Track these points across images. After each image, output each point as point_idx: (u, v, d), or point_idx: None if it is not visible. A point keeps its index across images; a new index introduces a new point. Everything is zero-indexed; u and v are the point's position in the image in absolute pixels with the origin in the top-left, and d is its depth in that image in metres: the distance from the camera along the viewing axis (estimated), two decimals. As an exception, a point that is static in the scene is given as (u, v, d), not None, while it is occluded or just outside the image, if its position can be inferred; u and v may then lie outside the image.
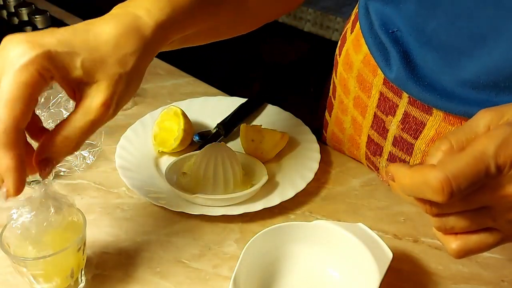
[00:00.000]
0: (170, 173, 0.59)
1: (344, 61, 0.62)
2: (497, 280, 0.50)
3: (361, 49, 0.58)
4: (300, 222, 0.48)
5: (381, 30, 0.53)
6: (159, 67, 0.92)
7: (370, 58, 0.56)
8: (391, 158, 0.58)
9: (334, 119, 0.69)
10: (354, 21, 0.62)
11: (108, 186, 0.61)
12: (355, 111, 0.62)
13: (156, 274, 0.49)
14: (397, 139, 0.56)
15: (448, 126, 0.50)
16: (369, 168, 0.66)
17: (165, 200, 0.56)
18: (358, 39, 0.59)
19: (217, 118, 0.72)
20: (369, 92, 0.58)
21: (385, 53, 0.54)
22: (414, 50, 0.51)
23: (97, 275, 0.49)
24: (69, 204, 0.44)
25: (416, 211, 0.59)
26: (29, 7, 1.04)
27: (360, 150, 0.64)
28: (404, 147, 0.55)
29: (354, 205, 0.60)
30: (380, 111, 0.57)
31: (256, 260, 0.45)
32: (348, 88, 0.62)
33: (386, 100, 0.56)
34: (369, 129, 0.60)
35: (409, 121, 0.54)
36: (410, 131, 0.54)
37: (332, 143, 0.71)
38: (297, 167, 0.63)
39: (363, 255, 0.44)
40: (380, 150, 0.59)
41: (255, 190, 0.57)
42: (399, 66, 0.51)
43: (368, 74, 0.57)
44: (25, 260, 0.41)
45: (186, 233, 0.55)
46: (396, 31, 0.52)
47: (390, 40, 0.52)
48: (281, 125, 0.71)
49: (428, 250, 0.54)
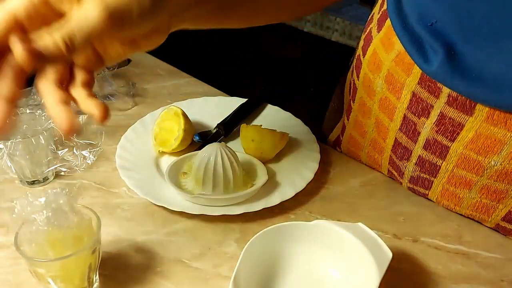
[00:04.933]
0: (171, 173, 0.59)
1: (371, 61, 0.60)
2: (496, 279, 0.50)
3: (394, 48, 0.55)
4: (300, 222, 0.48)
5: (419, 24, 0.50)
6: (159, 67, 0.92)
7: (404, 56, 0.53)
8: (420, 162, 0.56)
9: (352, 122, 0.66)
10: (380, 19, 0.59)
11: (109, 186, 0.61)
12: (380, 113, 0.59)
13: (156, 274, 0.50)
14: (429, 142, 0.53)
15: (491, 127, 0.48)
16: (389, 174, 0.64)
17: (165, 200, 0.56)
18: (389, 37, 0.56)
19: (217, 118, 0.72)
20: (399, 93, 0.55)
21: (422, 49, 0.51)
22: (458, 40, 0.48)
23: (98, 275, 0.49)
24: (82, 205, 0.44)
25: (416, 211, 0.59)
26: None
27: (383, 154, 0.62)
28: (438, 150, 0.53)
29: (353, 205, 0.60)
30: (411, 112, 0.54)
31: (256, 260, 0.45)
32: (374, 89, 0.59)
33: (419, 101, 0.53)
34: (396, 132, 0.57)
35: (445, 122, 0.51)
36: (446, 133, 0.51)
37: (348, 147, 0.70)
38: (297, 167, 0.63)
39: (363, 255, 0.44)
40: (409, 154, 0.57)
41: (255, 190, 0.57)
42: (441, 60, 0.48)
43: (401, 73, 0.54)
44: (41, 262, 0.41)
45: (186, 233, 0.55)
46: (436, 23, 0.49)
47: (430, 33, 0.49)
48: (281, 125, 0.71)
49: (428, 250, 0.54)
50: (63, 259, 0.41)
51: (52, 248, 0.42)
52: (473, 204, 0.55)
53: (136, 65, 0.93)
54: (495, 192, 0.52)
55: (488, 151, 0.49)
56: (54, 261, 0.41)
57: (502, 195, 0.51)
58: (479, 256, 0.53)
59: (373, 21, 0.62)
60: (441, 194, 0.57)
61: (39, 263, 0.41)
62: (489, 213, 0.55)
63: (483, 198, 0.53)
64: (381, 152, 0.62)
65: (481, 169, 0.50)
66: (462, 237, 0.55)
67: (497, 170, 0.49)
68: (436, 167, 0.54)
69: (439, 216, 0.58)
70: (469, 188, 0.53)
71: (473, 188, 0.53)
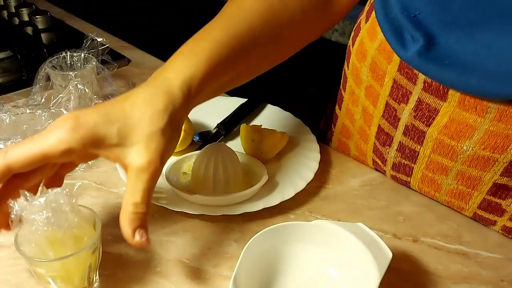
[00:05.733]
0: (170, 173, 0.59)
1: (358, 50, 0.62)
2: (496, 279, 0.50)
3: (377, 37, 0.58)
4: (300, 222, 0.48)
5: (402, 14, 0.52)
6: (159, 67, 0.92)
7: (385, 45, 0.55)
8: (401, 148, 0.58)
9: (344, 111, 0.69)
10: (368, 11, 0.62)
11: (109, 186, 0.61)
12: (366, 101, 0.62)
13: (156, 273, 0.50)
14: (408, 128, 0.56)
15: (463, 112, 0.50)
16: (374, 164, 0.66)
17: (165, 200, 0.56)
18: (374, 27, 0.58)
19: (217, 118, 0.72)
20: (382, 80, 0.58)
21: (401, 36, 0.53)
22: (438, 31, 0.50)
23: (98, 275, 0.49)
24: (82, 205, 0.45)
25: (416, 211, 0.59)
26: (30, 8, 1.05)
27: (368, 142, 0.64)
28: (416, 136, 0.55)
29: (353, 204, 0.60)
30: (393, 99, 0.57)
31: (256, 260, 0.45)
32: (360, 77, 0.62)
33: (399, 87, 0.55)
34: (379, 119, 0.60)
35: (422, 108, 0.53)
36: (423, 118, 0.54)
37: (340, 138, 0.71)
38: (297, 167, 0.63)
39: (363, 255, 0.44)
40: (390, 140, 0.59)
41: (255, 190, 0.57)
42: (419, 48, 0.50)
43: (383, 61, 0.57)
44: (41, 262, 0.41)
45: (186, 233, 0.55)
46: (418, 15, 0.51)
47: (412, 24, 0.51)
48: (281, 125, 0.71)
49: (428, 250, 0.54)
50: (63, 259, 0.41)
51: (52, 248, 0.42)
52: (450, 190, 0.57)
53: (136, 65, 0.94)
54: (469, 179, 0.54)
55: (461, 136, 0.51)
56: (54, 261, 0.41)
57: (476, 181, 0.53)
58: (479, 256, 0.53)
59: (363, 14, 0.64)
60: (421, 180, 0.59)
61: (39, 263, 0.41)
62: (466, 200, 0.56)
63: (459, 184, 0.55)
64: (367, 140, 0.65)
65: (455, 154, 0.52)
66: (462, 237, 0.55)
67: (469, 155, 0.51)
68: (415, 153, 0.57)
69: (439, 216, 0.58)
70: (446, 174, 0.55)
71: (449, 174, 0.55)
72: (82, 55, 0.75)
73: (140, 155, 0.40)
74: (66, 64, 0.75)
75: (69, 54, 0.74)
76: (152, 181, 0.41)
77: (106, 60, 0.78)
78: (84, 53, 0.75)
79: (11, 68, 0.88)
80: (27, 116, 0.59)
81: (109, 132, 0.40)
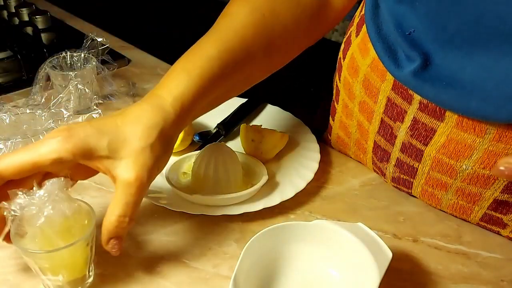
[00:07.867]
0: (171, 173, 0.59)
1: (349, 65, 0.61)
2: (496, 279, 0.50)
3: (369, 54, 0.56)
4: (300, 222, 0.48)
5: (397, 31, 0.51)
6: (159, 67, 0.92)
7: (378, 62, 0.54)
8: (399, 164, 0.57)
9: (338, 123, 0.68)
10: (359, 24, 0.60)
11: (109, 186, 0.61)
12: (361, 116, 0.61)
13: (156, 273, 0.50)
14: (405, 146, 0.55)
15: (461, 133, 0.49)
16: (376, 172, 0.65)
17: (165, 200, 0.56)
18: (365, 43, 0.57)
19: (217, 118, 0.72)
20: (375, 97, 0.56)
21: (395, 55, 0.51)
22: (434, 50, 0.48)
23: (98, 275, 0.49)
24: (78, 199, 0.45)
25: (416, 211, 0.59)
26: (30, 8, 1.04)
27: (367, 155, 0.63)
28: (413, 154, 0.54)
29: (353, 205, 0.60)
30: (388, 117, 0.55)
31: (256, 260, 0.45)
32: (353, 92, 0.60)
33: (394, 106, 0.54)
34: (375, 135, 0.59)
35: (419, 127, 0.52)
36: (420, 137, 0.52)
37: (338, 146, 0.70)
38: (297, 167, 0.63)
39: (363, 255, 0.44)
40: (388, 156, 0.58)
41: (255, 190, 0.57)
42: (415, 67, 0.49)
43: (376, 79, 0.55)
44: (34, 253, 0.42)
45: (186, 233, 0.55)
46: (414, 32, 0.50)
47: (408, 42, 0.50)
48: (281, 125, 0.71)
49: (428, 250, 0.54)
50: (57, 250, 0.42)
51: (46, 240, 0.42)
52: (451, 205, 0.56)
53: (136, 65, 0.94)
54: (470, 195, 0.53)
55: (460, 156, 0.50)
56: (44, 253, 0.42)
57: (476, 197, 0.53)
58: (479, 256, 0.53)
59: (353, 25, 0.63)
60: (422, 194, 0.58)
61: (31, 254, 0.42)
62: (467, 214, 0.56)
63: (459, 200, 0.54)
64: (365, 152, 0.64)
65: (454, 172, 0.52)
66: (462, 237, 0.55)
67: (469, 173, 0.50)
68: (414, 169, 0.56)
69: (439, 216, 0.58)
70: (446, 190, 0.54)
71: (449, 190, 0.54)
72: (82, 55, 0.75)
73: (128, 170, 0.42)
74: (66, 64, 0.75)
75: (69, 54, 0.75)
76: (138, 195, 0.42)
77: (106, 60, 0.78)
78: (84, 53, 0.75)
79: (11, 68, 0.88)
80: (27, 116, 0.59)
81: (100, 144, 0.41)
